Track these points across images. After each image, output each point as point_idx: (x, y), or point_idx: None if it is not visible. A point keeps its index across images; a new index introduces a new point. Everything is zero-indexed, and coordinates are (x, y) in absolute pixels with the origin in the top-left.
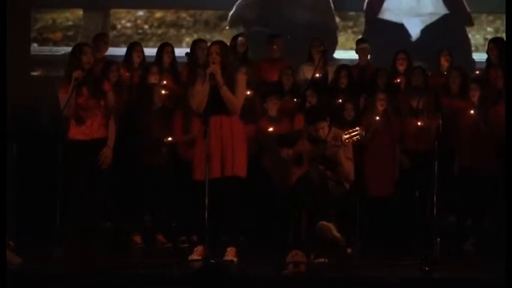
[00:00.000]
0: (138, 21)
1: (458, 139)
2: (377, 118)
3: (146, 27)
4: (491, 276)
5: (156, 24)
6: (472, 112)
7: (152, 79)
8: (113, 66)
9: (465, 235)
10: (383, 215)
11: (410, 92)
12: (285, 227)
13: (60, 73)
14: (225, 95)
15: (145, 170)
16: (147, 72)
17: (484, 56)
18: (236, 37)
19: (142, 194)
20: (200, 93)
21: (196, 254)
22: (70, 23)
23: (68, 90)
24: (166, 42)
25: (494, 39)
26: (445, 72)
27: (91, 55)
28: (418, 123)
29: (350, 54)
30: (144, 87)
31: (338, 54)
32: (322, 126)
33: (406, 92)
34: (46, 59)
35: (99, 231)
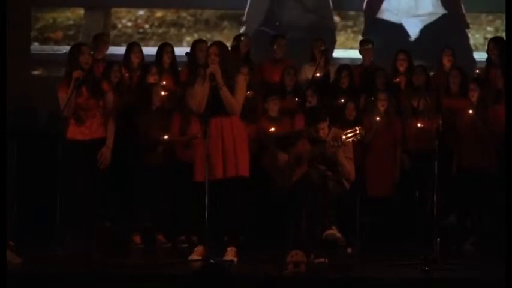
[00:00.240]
0: (139, 21)
1: (457, 139)
2: (378, 118)
3: (147, 26)
4: (491, 276)
5: (156, 24)
6: (471, 112)
7: (151, 79)
8: (114, 67)
9: (465, 235)
10: (383, 215)
11: (411, 92)
12: (285, 227)
13: (62, 72)
14: (224, 95)
15: (143, 170)
16: (147, 72)
17: (484, 55)
18: (238, 37)
19: (141, 194)
20: (200, 94)
21: (196, 254)
22: (71, 22)
23: (67, 90)
24: (166, 42)
25: (494, 39)
26: (447, 71)
27: (89, 55)
28: (419, 124)
29: (350, 53)
30: (143, 87)
31: (338, 54)
32: (322, 126)
33: (407, 92)
34: (47, 58)
35: (99, 231)
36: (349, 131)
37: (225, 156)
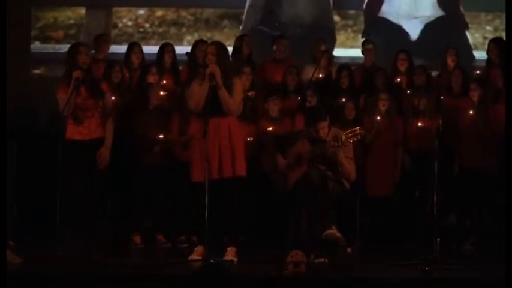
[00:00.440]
0: (139, 20)
1: (458, 139)
2: (379, 118)
3: (147, 25)
4: (491, 276)
5: (157, 23)
6: (471, 112)
7: (151, 79)
8: (115, 67)
9: (465, 235)
10: (383, 215)
11: (412, 91)
12: (285, 227)
13: (63, 72)
14: (222, 96)
15: (141, 169)
16: (147, 72)
17: (483, 54)
18: (241, 38)
19: (139, 193)
20: (199, 93)
21: (196, 254)
22: (72, 21)
23: (66, 90)
24: (167, 42)
25: (494, 40)
26: (450, 71)
27: (87, 55)
28: (420, 123)
29: (350, 52)
30: (141, 86)
31: (338, 53)
32: (322, 126)
33: (408, 91)
34: (48, 57)
35: (99, 231)
36: (349, 131)
37: (221, 157)
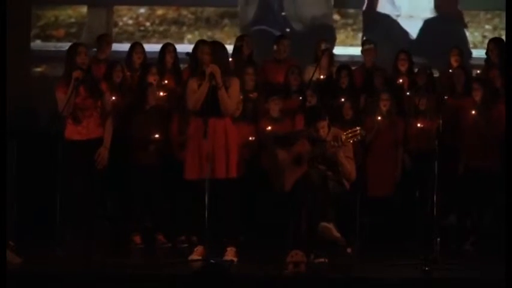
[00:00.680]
0: (140, 19)
1: (462, 138)
2: (379, 118)
3: (148, 24)
4: (491, 276)
5: (157, 22)
6: (474, 111)
7: (151, 79)
8: (117, 67)
9: (465, 235)
10: (383, 215)
11: (413, 91)
12: (285, 227)
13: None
14: (221, 96)
15: (138, 169)
16: (147, 72)
17: (482, 52)
18: (242, 38)
19: (137, 193)
20: (198, 93)
21: (196, 254)
22: (72, 20)
23: (66, 90)
24: (168, 43)
25: (494, 39)
26: (453, 71)
27: (86, 55)
28: (420, 123)
29: (349, 50)
30: (140, 86)
31: (337, 51)
32: (322, 125)
33: (409, 92)
34: (50, 55)
35: (99, 231)
36: (350, 131)
37: (215, 157)
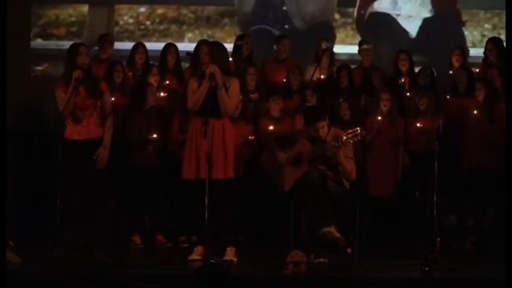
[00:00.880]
0: (140, 18)
1: (465, 138)
2: (379, 118)
3: (148, 23)
4: (491, 276)
5: (157, 21)
6: (478, 111)
7: (152, 80)
8: (117, 67)
9: (465, 235)
10: (383, 215)
11: (413, 92)
12: (285, 227)
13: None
14: (221, 96)
15: (136, 169)
16: (148, 72)
17: (481, 51)
18: (241, 37)
19: (138, 193)
20: (198, 93)
21: (196, 254)
22: (73, 19)
23: (66, 90)
24: (170, 43)
25: (493, 39)
26: (455, 71)
27: (87, 55)
28: (420, 123)
29: (348, 48)
30: (140, 86)
31: (337, 49)
32: (322, 125)
33: (410, 92)
34: (52, 53)
35: (99, 231)
36: (350, 131)
37: (213, 158)
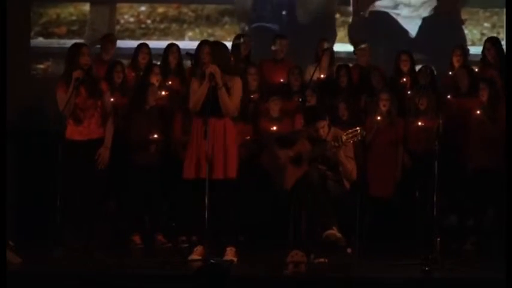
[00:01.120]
0: (141, 16)
1: (467, 139)
2: (379, 118)
3: (149, 22)
4: (491, 276)
5: (158, 19)
6: (481, 111)
7: (154, 79)
8: (117, 67)
9: (465, 235)
10: (383, 214)
11: (413, 91)
12: (285, 227)
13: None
14: (222, 96)
15: (137, 169)
16: (149, 72)
17: (480, 49)
18: (239, 37)
19: (138, 193)
20: (198, 93)
21: (196, 254)
22: (74, 17)
23: (66, 89)
24: (172, 43)
25: (491, 39)
26: (455, 71)
27: (88, 56)
28: (420, 123)
29: (348, 47)
30: (141, 86)
31: (336, 47)
32: (322, 125)
33: (411, 91)
34: (54, 51)
35: (99, 231)
36: (350, 131)
37: (214, 157)
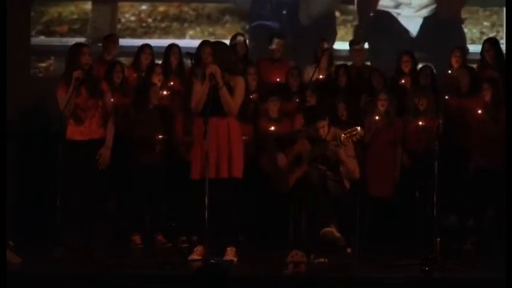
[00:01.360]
0: (142, 15)
1: (469, 139)
2: (377, 118)
3: (150, 20)
4: (491, 276)
5: (159, 18)
6: (484, 111)
7: (156, 79)
8: (117, 67)
9: (465, 235)
10: (383, 214)
11: (415, 91)
12: (285, 227)
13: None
14: (223, 96)
15: (141, 169)
16: (151, 72)
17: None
18: (235, 37)
19: (141, 194)
20: (199, 93)
21: (196, 254)
22: (75, 16)
23: (66, 89)
24: (173, 44)
25: (490, 40)
26: (454, 73)
27: (89, 55)
28: (420, 123)
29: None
30: (143, 86)
31: (337, 46)
32: (322, 125)
33: (411, 91)
34: (56, 49)
35: (99, 231)
36: (349, 130)
37: (219, 157)
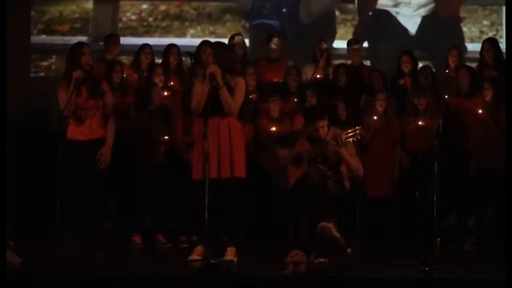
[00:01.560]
0: (143, 14)
1: (469, 139)
2: (375, 118)
3: (151, 19)
4: (491, 276)
5: (160, 17)
6: (485, 111)
7: (157, 80)
8: (116, 67)
9: (465, 235)
10: (383, 214)
11: (414, 91)
12: (285, 227)
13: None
14: (223, 96)
15: (143, 169)
16: (152, 72)
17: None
18: (232, 37)
19: (142, 194)
20: (199, 93)
21: (196, 254)
22: (76, 15)
23: (67, 89)
24: (172, 44)
25: (489, 40)
26: (451, 72)
27: (90, 55)
28: (419, 123)
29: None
30: (145, 86)
31: (336, 44)
32: (322, 124)
33: (411, 92)
34: (57, 48)
35: (100, 231)
36: (349, 130)
37: (220, 157)
